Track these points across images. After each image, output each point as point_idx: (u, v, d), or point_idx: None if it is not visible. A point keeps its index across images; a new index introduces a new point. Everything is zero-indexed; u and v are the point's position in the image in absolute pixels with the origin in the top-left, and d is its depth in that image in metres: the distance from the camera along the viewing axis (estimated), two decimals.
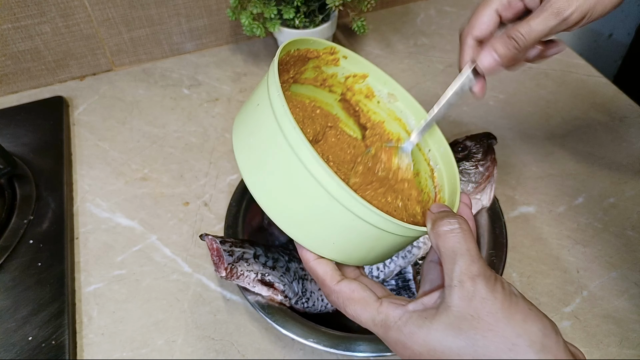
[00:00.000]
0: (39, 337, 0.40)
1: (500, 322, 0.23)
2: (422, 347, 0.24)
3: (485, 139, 0.43)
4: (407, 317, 0.25)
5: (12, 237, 0.47)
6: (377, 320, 0.25)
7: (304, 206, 0.26)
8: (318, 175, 0.24)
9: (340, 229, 0.26)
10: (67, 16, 0.60)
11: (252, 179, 0.27)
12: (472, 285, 0.23)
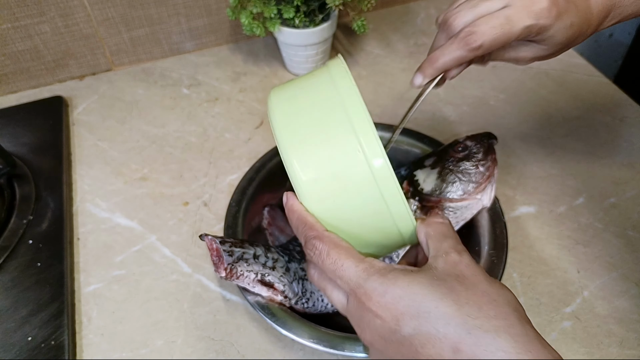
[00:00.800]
0: (38, 338, 0.40)
1: (482, 282, 0.24)
2: (404, 290, 0.24)
3: (486, 138, 0.43)
4: (392, 267, 0.25)
5: (12, 237, 0.47)
6: (361, 266, 0.25)
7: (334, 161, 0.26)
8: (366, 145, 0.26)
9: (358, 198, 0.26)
10: (67, 16, 0.60)
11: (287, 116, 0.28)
12: (458, 256, 0.25)
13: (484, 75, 0.65)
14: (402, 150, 0.51)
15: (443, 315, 0.22)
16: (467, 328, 0.22)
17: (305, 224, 0.27)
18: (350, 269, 0.25)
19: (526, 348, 0.21)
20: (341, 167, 0.26)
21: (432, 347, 0.22)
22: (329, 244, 0.26)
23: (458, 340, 0.22)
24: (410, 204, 0.42)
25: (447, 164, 0.42)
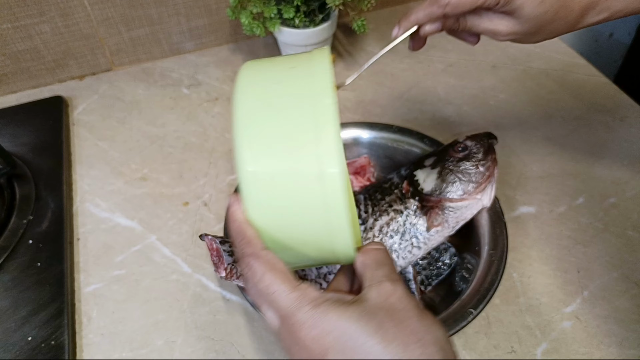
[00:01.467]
0: (38, 338, 0.40)
1: (412, 318, 0.24)
2: (333, 324, 0.23)
3: (486, 138, 0.43)
4: (324, 298, 0.24)
5: (12, 237, 0.47)
6: (293, 294, 0.25)
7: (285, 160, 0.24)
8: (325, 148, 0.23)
9: (301, 210, 0.25)
10: (67, 16, 0.60)
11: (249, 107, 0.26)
12: (392, 285, 0.25)
13: (484, 75, 0.65)
14: (402, 150, 0.51)
15: (368, 353, 0.22)
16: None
17: (244, 238, 0.26)
18: (282, 296, 0.25)
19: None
20: (293, 178, 0.24)
21: None
22: (265, 265, 0.25)
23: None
24: (410, 203, 0.42)
25: (447, 164, 0.42)
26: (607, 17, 0.35)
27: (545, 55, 0.67)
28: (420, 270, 0.44)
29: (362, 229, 0.42)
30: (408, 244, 0.41)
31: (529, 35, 0.35)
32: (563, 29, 0.35)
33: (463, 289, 0.40)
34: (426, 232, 0.41)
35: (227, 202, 0.27)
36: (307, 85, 0.25)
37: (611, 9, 0.35)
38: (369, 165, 0.50)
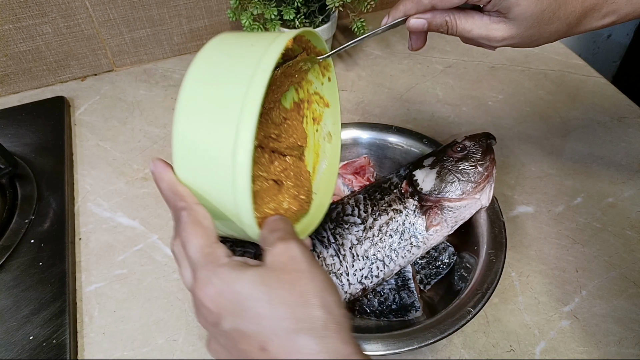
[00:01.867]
0: (40, 337, 0.40)
1: (302, 280, 0.24)
2: (227, 286, 0.24)
3: (485, 139, 0.43)
4: (230, 260, 0.25)
5: (14, 236, 0.47)
6: (206, 250, 0.25)
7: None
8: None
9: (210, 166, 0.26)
10: (68, 17, 0.60)
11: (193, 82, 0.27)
12: (284, 245, 0.25)
13: (482, 76, 0.65)
14: (402, 150, 0.51)
15: (256, 315, 0.23)
16: (275, 329, 0.23)
17: (176, 194, 0.27)
18: (195, 249, 0.25)
19: (322, 347, 0.22)
20: (213, 152, 0.25)
21: (245, 344, 0.23)
22: (191, 218, 0.26)
23: (265, 340, 0.23)
24: (410, 203, 0.42)
25: (446, 164, 0.42)
26: (614, 21, 0.34)
27: (544, 56, 0.68)
28: (419, 269, 0.44)
29: (361, 228, 0.42)
30: (407, 244, 0.41)
31: (526, 39, 0.33)
32: (564, 32, 0.33)
33: (462, 288, 0.41)
34: (425, 232, 0.41)
35: (151, 165, 0.28)
36: (252, 66, 0.26)
37: (618, 12, 0.33)
38: (368, 165, 0.50)
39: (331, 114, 0.38)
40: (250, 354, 0.23)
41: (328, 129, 0.38)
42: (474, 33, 0.34)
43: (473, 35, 0.34)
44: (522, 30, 0.33)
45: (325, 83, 0.37)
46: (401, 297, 0.42)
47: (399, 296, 0.42)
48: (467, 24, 0.33)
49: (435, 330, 0.36)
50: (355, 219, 0.43)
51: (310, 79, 0.37)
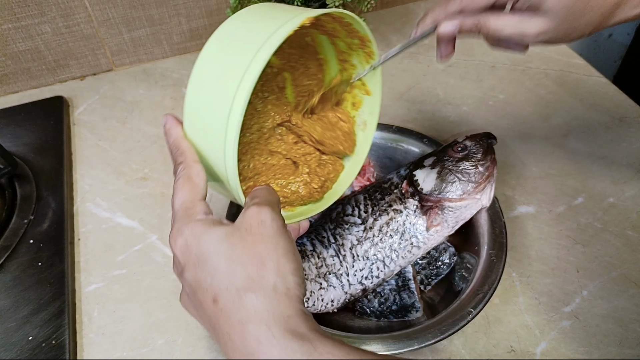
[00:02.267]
0: (39, 337, 0.40)
1: (265, 243, 0.25)
2: (195, 239, 0.25)
3: (485, 138, 0.43)
4: (205, 217, 0.27)
5: (13, 236, 0.47)
6: (187, 205, 0.27)
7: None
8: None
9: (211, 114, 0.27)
10: (68, 16, 0.60)
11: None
12: (257, 209, 0.26)
13: (483, 75, 0.65)
14: (402, 150, 0.51)
15: (213, 269, 0.24)
16: (226, 284, 0.24)
17: (178, 149, 0.29)
18: (178, 203, 0.27)
19: (267, 307, 0.23)
20: (214, 113, 0.27)
21: (201, 294, 0.25)
22: (185, 173, 0.28)
23: (217, 293, 0.24)
24: (410, 203, 0.42)
25: (446, 164, 0.42)
26: (621, 20, 0.33)
27: (545, 55, 0.67)
28: (419, 269, 0.44)
29: (362, 228, 0.42)
30: (408, 244, 0.41)
31: (561, 32, 0.32)
32: (598, 23, 0.32)
33: (462, 289, 0.41)
34: (426, 232, 0.41)
35: (164, 120, 0.30)
36: (264, 37, 0.27)
37: (628, 15, 0.32)
38: (369, 165, 0.50)
39: (370, 102, 0.39)
40: (204, 304, 0.25)
41: (365, 117, 0.39)
42: (507, 32, 0.33)
43: (506, 34, 0.33)
44: (556, 23, 0.32)
45: (370, 72, 0.37)
46: (402, 298, 0.42)
47: (399, 297, 0.42)
48: (499, 23, 0.33)
49: (435, 330, 0.36)
50: (355, 219, 0.42)
51: (355, 63, 0.37)
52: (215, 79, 0.27)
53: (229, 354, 0.24)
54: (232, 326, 0.23)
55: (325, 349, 0.22)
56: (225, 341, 0.24)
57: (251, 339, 0.23)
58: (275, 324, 0.23)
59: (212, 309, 0.24)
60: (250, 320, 0.23)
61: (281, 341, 0.22)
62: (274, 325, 0.23)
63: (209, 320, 0.25)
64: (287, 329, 0.23)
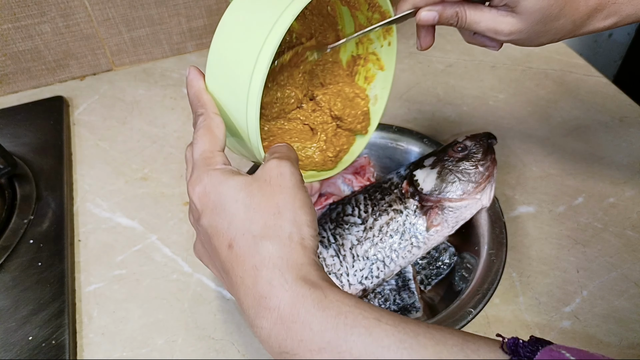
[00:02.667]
0: (39, 337, 0.40)
1: (283, 194, 0.26)
2: (213, 187, 0.26)
3: (485, 138, 0.43)
4: (224, 166, 0.27)
5: (12, 236, 0.47)
6: (206, 154, 0.27)
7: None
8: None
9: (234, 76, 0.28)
10: (67, 16, 0.60)
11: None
12: (277, 163, 0.27)
13: (483, 75, 0.65)
14: (402, 150, 0.51)
15: (231, 215, 0.25)
16: (243, 231, 0.25)
17: (199, 101, 0.29)
18: (198, 151, 0.28)
19: (282, 254, 0.24)
20: (240, 58, 0.27)
21: (216, 240, 0.25)
22: (205, 124, 0.28)
23: (233, 238, 0.25)
24: (410, 203, 0.42)
25: (446, 163, 0.42)
26: (616, 22, 0.34)
27: (545, 55, 0.67)
28: (419, 269, 0.44)
29: (362, 228, 0.42)
30: (408, 244, 0.41)
31: (532, 34, 0.33)
32: (569, 30, 0.33)
33: (462, 289, 0.41)
34: (426, 232, 0.41)
35: (187, 71, 0.31)
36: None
37: (620, 13, 0.33)
38: (368, 165, 0.50)
39: (383, 77, 0.39)
40: (219, 250, 0.25)
41: (376, 91, 0.39)
42: (482, 25, 0.34)
43: (481, 28, 0.34)
44: (528, 25, 0.33)
45: (385, 46, 0.38)
46: (402, 298, 0.42)
47: (399, 297, 0.42)
48: (476, 16, 0.34)
49: None
50: (355, 219, 0.42)
51: (372, 37, 0.38)
52: (242, 33, 0.28)
53: (240, 298, 0.24)
54: (245, 271, 0.24)
55: (335, 297, 0.23)
56: (238, 285, 0.24)
57: (264, 283, 0.23)
58: (289, 270, 0.23)
59: (227, 254, 0.25)
60: (264, 266, 0.24)
61: (293, 286, 0.23)
62: (287, 271, 0.23)
63: (222, 265, 0.25)
64: (300, 275, 0.23)
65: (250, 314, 0.24)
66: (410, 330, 0.22)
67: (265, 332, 0.23)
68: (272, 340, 0.23)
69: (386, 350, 0.21)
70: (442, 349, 0.21)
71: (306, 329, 0.22)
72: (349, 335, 0.21)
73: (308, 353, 0.22)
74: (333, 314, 0.22)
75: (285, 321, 0.22)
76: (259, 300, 0.23)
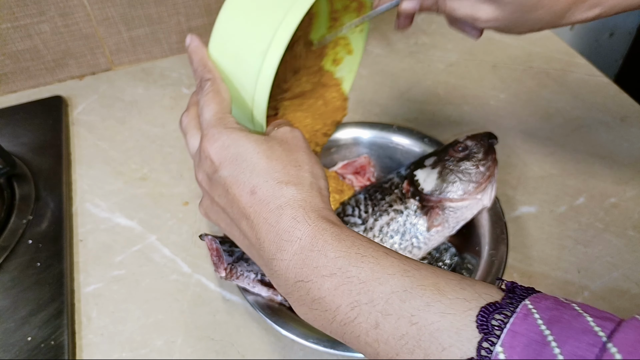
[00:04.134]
0: (38, 338, 0.40)
1: (300, 152, 0.28)
2: (232, 141, 0.28)
3: (486, 138, 0.43)
4: (238, 127, 0.29)
5: (11, 237, 0.47)
6: (219, 115, 0.29)
7: None
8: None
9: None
10: (66, 15, 0.60)
11: None
12: (291, 129, 0.30)
13: (484, 75, 0.65)
14: (403, 149, 0.51)
15: (253, 164, 0.27)
16: (266, 178, 0.27)
17: (205, 66, 0.31)
18: (210, 112, 0.29)
19: (305, 197, 0.26)
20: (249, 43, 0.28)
21: (236, 188, 0.27)
22: (214, 88, 0.30)
23: (256, 185, 0.26)
24: (411, 203, 0.42)
25: (447, 163, 0.41)
26: (600, 13, 0.33)
27: (546, 55, 0.67)
28: None
29: (362, 228, 0.41)
30: (408, 244, 0.41)
31: (510, 22, 0.33)
32: (548, 20, 0.33)
33: None
34: (426, 232, 0.41)
35: (188, 39, 0.32)
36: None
37: (604, 4, 0.32)
38: (369, 165, 0.50)
39: (350, 62, 0.40)
40: (239, 197, 0.27)
41: (342, 74, 0.41)
42: (461, 12, 0.34)
43: (460, 14, 0.35)
44: (506, 14, 0.33)
45: (356, 33, 0.38)
46: None
47: None
48: (455, 3, 0.34)
49: None
50: (355, 219, 0.42)
51: (345, 21, 0.38)
52: (258, 7, 0.28)
53: (261, 238, 0.26)
54: (270, 211, 0.26)
55: (350, 233, 0.25)
56: (261, 225, 0.26)
57: (288, 219, 0.25)
58: (311, 210, 0.26)
59: (249, 199, 0.26)
60: (289, 205, 0.26)
61: (315, 221, 0.25)
62: (310, 210, 0.26)
63: (242, 210, 0.27)
64: (321, 215, 0.26)
65: (272, 249, 0.26)
66: (414, 264, 0.24)
67: (285, 263, 0.25)
68: (289, 271, 0.25)
69: (390, 277, 0.23)
70: (440, 280, 0.23)
71: (322, 256, 0.24)
72: (359, 262, 0.23)
73: (320, 278, 0.24)
74: (348, 244, 0.24)
75: (305, 250, 0.24)
76: (281, 234, 0.25)
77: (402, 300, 0.22)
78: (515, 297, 0.22)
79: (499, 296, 0.22)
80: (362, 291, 0.23)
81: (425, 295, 0.22)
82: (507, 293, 0.22)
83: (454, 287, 0.22)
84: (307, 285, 0.24)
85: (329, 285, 0.23)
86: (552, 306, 0.21)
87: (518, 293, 0.22)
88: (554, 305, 0.21)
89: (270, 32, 0.27)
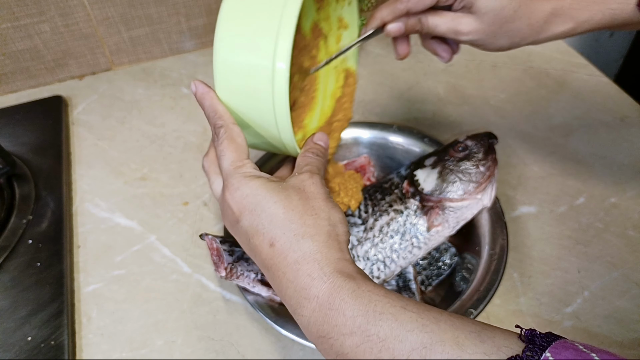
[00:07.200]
0: (38, 338, 0.40)
1: (317, 200, 0.28)
2: (251, 190, 0.28)
3: (486, 138, 0.43)
4: (256, 174, 0.29)
5: (11, 237, 0.47)
6: (237, 163, 0.30)
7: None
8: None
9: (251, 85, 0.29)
10: (66, 15, 0.60)
11: None
12: (310, 175, 0.30)
13: (484, 74, 0.65)
14: (403, 149, 0.51)
15: (271, 215, 0.27)
16: (284, 229, 0.27)
17: (216, 113, 0.31)
18: (227, 161, 0.30)
19: (320, 248, 0.26)
20: (253, 62, 0.28)
21: (257, 239, 0.28)
22: (227, 135, 0.30)
23: (274, 237, 0.27)
24: (411, 203, 0.42)
25: (447, 163, 0.41)
26: (573, 28, 0.35)
27: (546, 54, 0.67)
28: (420, 270, 0.44)
29: (362, 229, 0.41)
30: (408, 244, 0.41)
31: (490, 35, 0.35)
32: (527, 33, 0.35)
33: (463, 289, 0.40)
34: (426, 232, 0.41)
35: (193, 86, 0.32)
36: None
37: (576, 19, 0.34)
38: (369, 165, 0.50)
39: (349, 34, 0.40)
40: (260, 248, 0.27)
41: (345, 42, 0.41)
42: (444, 27, 0.36)
43: (442, 29, 0.36)
44: (485, 25, 0.35)
45: (345, 7, 0.39)
46: None
47: None
48: (436, 20, 0.36)
49: None
50: (355, 219, 0.42)
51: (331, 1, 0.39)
52: (247, 35, 0.28)
53: (282, 290, 0.27)
54: (288, 265, 0.26)
55: (366, 287, 0.25)
56: (281, 279, 0.27)
57: (304, 276, 0.26)
58: (327, 264, 0.26)
59: (269, 251, 0.27)
60: (305, 260, 0.26)
61: (330, 278, 0.25)
62: (325, 265, 0.26)
63: (263, 262, 0.28)
64: (337, 269, 0.26)
65: (292, 304, 0.26)
66: (432, 317, 0.24)
67: (305, 319, 0.26)
68: (311, 326, 0.26)
69: (410, 333, 0.23)
70: (460, 334, 0.23)
71: (340, 315, 0.24)
72: (378, 320, 0.24)
73: (341, 337, 0.24)
74: (365, 302, 0.24)
75: (323, 308, 0.25)
76: (300, 291, 0.26)
77: (422, 356, 0.22)
78: (535, 348, 0.22)
79: (519, 347, 0.22)
80: (382, 349, 0.23)
81: (445, 351, 0.22)
82: (527, 344, 0.22)
83: (474, 341, 0.22)
84: (330, 342, 0.25)
85: (350, 343, 0.24)
86: (572, 357, 0.21)
87: (538, 343, 0.22)
88: (574, 355, 0.21)
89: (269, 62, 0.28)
